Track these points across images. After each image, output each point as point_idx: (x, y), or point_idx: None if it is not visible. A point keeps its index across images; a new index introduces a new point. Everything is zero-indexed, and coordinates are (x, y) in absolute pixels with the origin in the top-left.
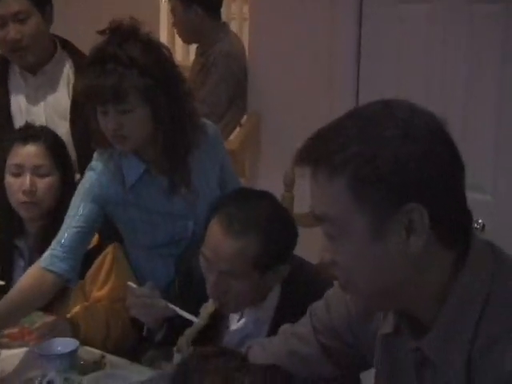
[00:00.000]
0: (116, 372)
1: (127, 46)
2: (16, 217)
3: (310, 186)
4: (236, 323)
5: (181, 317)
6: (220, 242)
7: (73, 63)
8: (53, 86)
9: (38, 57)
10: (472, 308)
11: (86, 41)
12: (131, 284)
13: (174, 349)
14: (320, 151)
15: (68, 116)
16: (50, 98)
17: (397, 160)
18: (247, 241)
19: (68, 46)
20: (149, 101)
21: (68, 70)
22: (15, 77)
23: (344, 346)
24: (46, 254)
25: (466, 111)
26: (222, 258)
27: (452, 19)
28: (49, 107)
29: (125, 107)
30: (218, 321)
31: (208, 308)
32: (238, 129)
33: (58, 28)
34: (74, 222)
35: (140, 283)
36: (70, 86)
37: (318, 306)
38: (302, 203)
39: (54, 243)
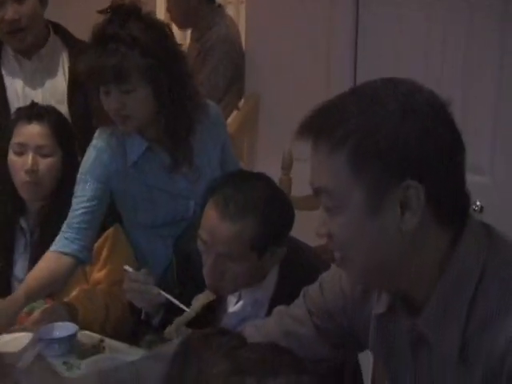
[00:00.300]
0: (115, 356)
1: (129, 25)
2: (18, 195)
3: (311, 159)
4: (234, 306)
5: (180, 301)
6: (217, 224)
7: (66, 47)
8: (49, 71)
9: (36, 39)
10: (466, 285)
11: (78, 24)
12: (128, 268)
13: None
14: (321, 124)
15: (65, 100)
16: (47, 83)
17: (397, 136)
18: (244, 223)
19: (60, 30)
20: (151, 80)
21: (62, 54)
22: (9, 61)
23: (338, 328)
24: (58, 237)
25: (464, 111)
26: (219, 240)
27: (451, 19)
28: (46, 92)
29: (127, 87)
30: (216, 303)
31: (200, 300)
32: (235, 112)
33: (49, 12)
34: (80, 202)
35: (140, 264)
36: (66, 69)
37: (312, 289)
38: (299, 186)
39: (64, 226)
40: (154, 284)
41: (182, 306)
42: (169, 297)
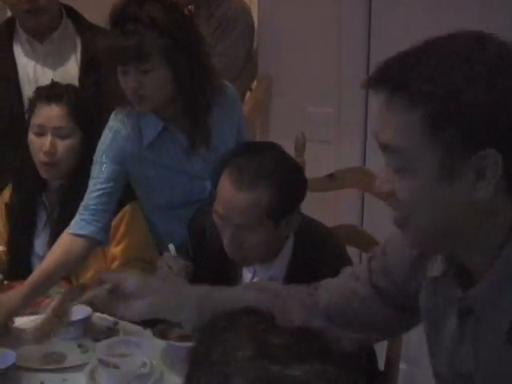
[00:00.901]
0: (129, 338)
1: (148, 6)
2: (38, 173)
3: (381, 111)
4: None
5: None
6: (232, 196)
7: (79, 32)
8: (61, 55)
9: (51, 20)
10: None
11: (92, 9)
12: (171, 248)
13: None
14: (400, 77)
15: (76, 85)
16: (59, 67)
17: (482, 101)
18: (259, 192)
19: (73, 14)
20: (169, 61)
21: (75, 39)
22: (22, 44)
23: (394, 288)
24: (75, 219)
25: None
26: (236, 211)
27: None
28: (58, 76)
29: (146, 67)
30: (231, 281)
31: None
32: (248, 93)
33: None
34: (97, 184)
35: (156, 244)
36: (79, 54)
37: (376, 249)
38: (312, 168)
39: (80, 208)
40: (186, 279)
41: None
42: None
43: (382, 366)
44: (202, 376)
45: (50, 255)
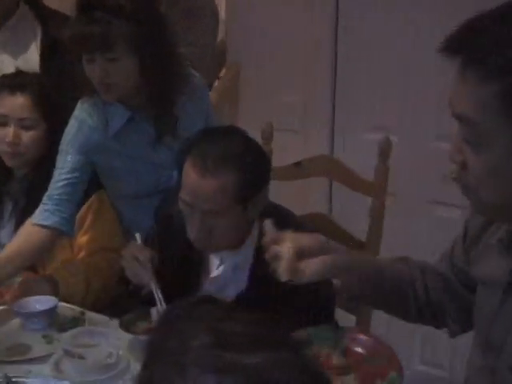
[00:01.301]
0: (95, 328)
1: None
2: (4, 163)
3: (455, 80)
4: (215, 270)
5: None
6: (198, 183)
7: (38, 18)
8: (20, 43)
9: (4, 7)
10: None
11: None
12: (138, 237)
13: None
14: (476, 47)
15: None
16: (20, 55)
17: None
18: (224, 177)
19: (31, 1)
20: (136, 49)
21: (34, 25)
22: None
23: (463, 258)
24: (38, 209)
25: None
26: (203, 198)
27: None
28: (19, 64)
29: (112, 55)
30: (198, 268)
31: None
32: (216, 82)
33: None
34: (61, 174)
35: (124, 234)
36: (38, 41)
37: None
38: (280, 157)
39: (44, 198)
40: (152, 269)
41: (159, 304)
42: (155, 291)
43: None
44: (158, 365)
45: (11, 245)
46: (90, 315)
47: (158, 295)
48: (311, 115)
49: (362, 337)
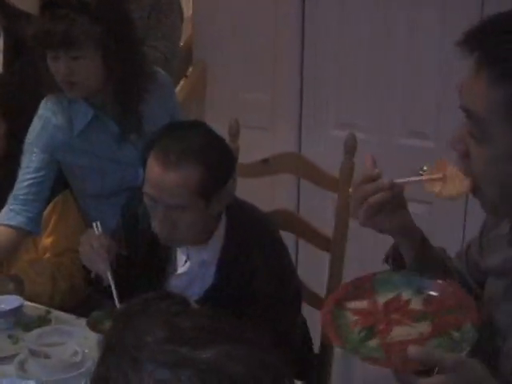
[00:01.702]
0: (60, 327)
1: None
2: None
3: (469, 73)
4: (182, 266)
5: (128, 264)
6: (160, 177)
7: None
8: None
9: None
10: None
11: None
12: (97, 226)
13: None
14: (492, 47)
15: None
16: None
17: None
18: (187, 170)
19: None
20: (100, 47)
21: None
22: None
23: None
24: (4, 209)
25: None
26: (166, 192)
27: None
28: None
29: (76, 53)
30: (164, 265)
31: None
32: (183, 80)
33: None
34: (26, 174)
35: None
36: (1, 39)
37: None
38: (248, 154)
39: (10, 198)
40: (108, 258)
41: (116, 299)
42: (111, 283)
43: (317, 349)
44: (113, 361)
45: None
46: (57, 314)
47: (113, 285)
48: (279, 112)
49: (447, 287)
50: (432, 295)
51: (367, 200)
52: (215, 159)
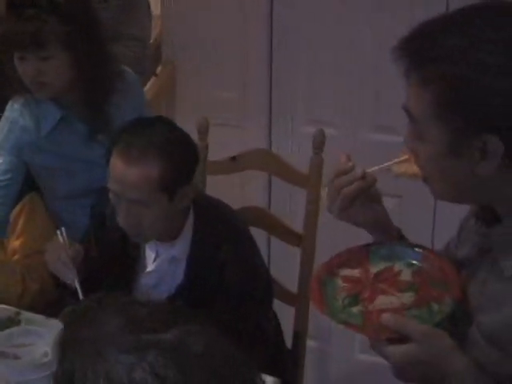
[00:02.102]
0: (30, 328)
1: None
2: None
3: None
4: (151, 264)
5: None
6: (122, 172)
7: None
8: None
9: None
10: None
11: None
12: (62, 232)
13: None
14: (419, 55)
15: None
16: None
17: (488, 92)
18: (148, 165)
19: None
20: (69, 47)
21: None
22: None
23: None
24: None
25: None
26: (128, 187)
27: None
28: None
29: (44, 54)
30: (134, 263)
31: None
32: (153, 78)
33: None
34: None
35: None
36: None
37: None
38: (218, 152)
39: None
40: (75, 267)
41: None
42: (79, 292)
43: (290, 345)
44: (76, 357)
45: None
46: (26, 315)
47: (80, 294)
48: (249, 110)
49: (436, 261)
50: (421, 267)
51: (342, 191)
52: (178, 154)
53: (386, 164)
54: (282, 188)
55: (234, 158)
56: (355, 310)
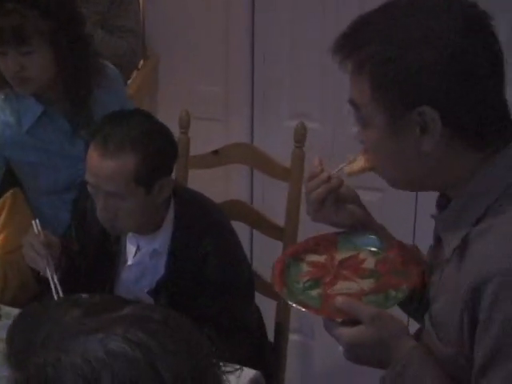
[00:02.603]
0: (9, 322)
1: None
2: None
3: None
4: (132, 258)
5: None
6: (98, 164)
7: None
8: None
9: None
10: (489, 193)
11: None
12: (36, 224)
13: None
14: (348, 44)
15: None
16: None
17: (415, 65)
18: (124, 158)
19: None
20: (51, 42)
21: None
22: None
23: None
24: None
25: None
26: (103, 179)
27: None
28: None
29: (26, 49)
30: (114, 258)
31: None
32: (135, 72)
33: None
34: None
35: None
36: None
37: None
38: (201, 146)
39: None
40: (49, 256)
41: (54, 291)
42: (50, 279)
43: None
44: (41, 356)
45: None
46: (6, 310)
47: (53, 282)
48: (231, 104)
49: (400, 251)
50: (386, 256)
51: (311, 194)
52: (155, 147)
53: (341, 165)
54: (264, 181)
55: (216, 152)
56: (314, 293)
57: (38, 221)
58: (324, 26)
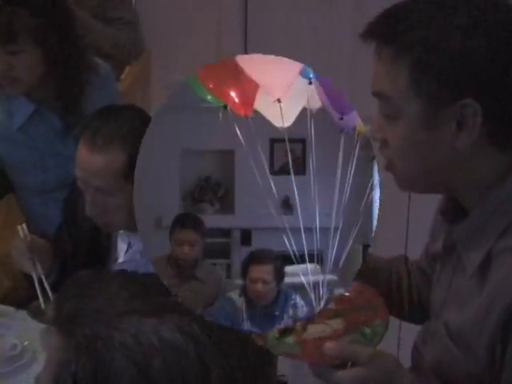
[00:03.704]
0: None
1: None
2: None
3: (374, 63)
4: (123, 255)
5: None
6: (87, 158)
7: None
8: None
9: None
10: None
11: None
12: (23, 228)
13: None
14: (388, 30)
15: None
16: None
17: (461, 53)
18: (112, 153)
19: None
20: (41, 41)
21: None
22: None
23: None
24: None
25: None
26: (92, 174)
27: None
28: None
29: (15, 48)
30: (106, 255)
31: None
32: (127, 68)
33: None
34: None
35: (35, 230)
36: None
37: None
38: None
39: None
40: (34, 258)
41: (40, 297)
42: (35, 281)
43: None
44: (90, 328)
45: None
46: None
47: (39, 285)
48: None
49: (357, 287)
50: (343, 295)
51: None
52: None
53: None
54: None
55: None
56: (290, 340)
57: (24, 225)
58: (320, 21)
